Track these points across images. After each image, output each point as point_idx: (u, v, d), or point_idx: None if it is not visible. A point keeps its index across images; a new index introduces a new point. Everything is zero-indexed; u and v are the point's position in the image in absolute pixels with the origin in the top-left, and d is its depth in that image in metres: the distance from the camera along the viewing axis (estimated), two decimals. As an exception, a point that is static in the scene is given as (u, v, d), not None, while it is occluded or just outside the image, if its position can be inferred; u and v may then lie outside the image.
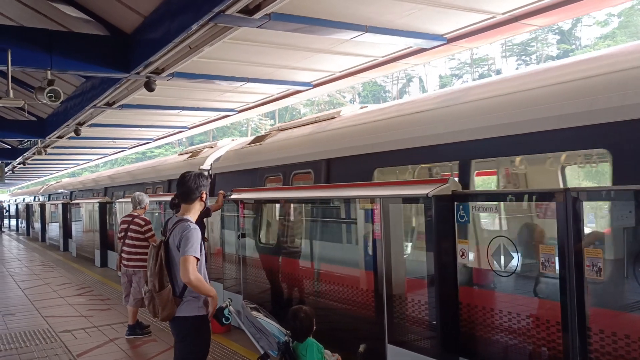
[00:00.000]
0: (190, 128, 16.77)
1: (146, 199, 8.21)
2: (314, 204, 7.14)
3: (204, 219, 7.74)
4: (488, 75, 55.20)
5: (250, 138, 9.97)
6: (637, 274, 3.52)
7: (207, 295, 4.08)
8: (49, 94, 8.33)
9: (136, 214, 8.02)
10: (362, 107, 7.75)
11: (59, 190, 27.05)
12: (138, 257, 7.75)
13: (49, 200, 28.16)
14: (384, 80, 65.38)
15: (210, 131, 57.23)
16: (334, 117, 7.65)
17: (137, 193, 8.35)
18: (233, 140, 11.63)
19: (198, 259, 3.99)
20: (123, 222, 8.10)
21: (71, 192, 23.96)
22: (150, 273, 4.16)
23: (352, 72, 9.80)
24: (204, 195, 4.28)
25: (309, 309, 4.53)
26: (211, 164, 10.36)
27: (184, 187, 4.24)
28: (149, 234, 7.85)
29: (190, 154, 12.09)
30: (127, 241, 7.84)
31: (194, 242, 3.97)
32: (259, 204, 8.18)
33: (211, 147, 11.37)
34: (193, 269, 3.91)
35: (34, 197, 33.43)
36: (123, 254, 7.91)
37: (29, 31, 8.26)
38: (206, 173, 9.34)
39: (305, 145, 7.61)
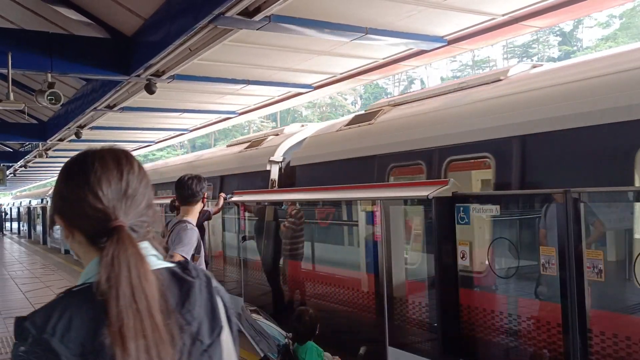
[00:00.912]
0: (191, 130, 16.77)
1: None
2: (315, 205, 7.13)
3: (204, 223, 7.75)
4: (489, 77, 55.01)
5: (344, 119, 7.92)
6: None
7: None
8: (49, 97, 8.34)
9: None
10: (534, 66, 5.81)
11: None
12: None
13: None
14: (385, 82, 65.39)
15: (212, 134, 57.24)
16: (500, 79, 5.62)
17: None
18: (303, 126, 9.49)
19: (186, 259, 3.96)
20: None
21: None
22: None
23: (352, 74, 9.79)
24: (205, 198, 4.30)
25: (314, 313, 4.52)
26: (283, 155, 8.46)
27: (184, 190, 4.26)
28: None
29: (248, 143, 10.01)
30: None
31: (185, 243, 4.00)
32: (259, 207, 8.17)
33: (277, 135, 9.47)
34: None
35: (42, 200, 31.70)
36: None
37: (29, 34, 8.27)
38: (278, 165, 8.47)
39: (478, 118, 5.09)
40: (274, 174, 8.35)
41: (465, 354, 4.61)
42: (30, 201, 35.96)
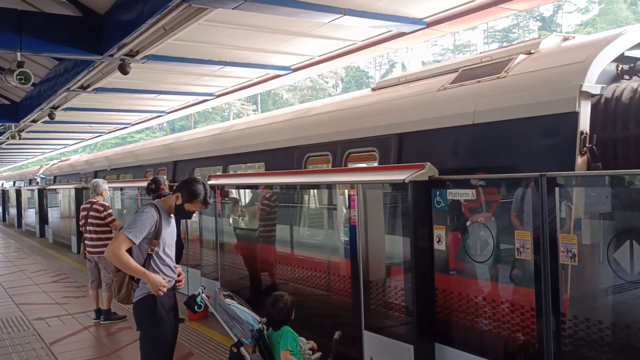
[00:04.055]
0: (168, 112, 16.53)
1: (103, 186, 8.17)
2: (291, 189, 7.04)
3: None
4: (470, 62, 55.03)
5: None
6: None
7: (133, 274, 4.07)
8: (18, 76, 8.11)
9: (95, 200, 7.97)
10: None
11: (75, 170, 19.86)
12: (101, 242, 7.73)
13: (54, 183, 21.52)
14: (366, 66, 65.16)
15: (192, 116, 56.68)
16: None
17: (94, 180, 8.37)
18: (567, 39, 5.37)
19: (133, 242, 4.00)
20: (82, 210, 8.10)
21: (95, 172, 16.82)
22: None
23: (331, 56, 9.68)
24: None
25: (290, 299, 4.46)
26: (597, 81, 4.30)
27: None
28: (109, 219, 7.87)
29: (454, 74, 5.57)
30: (88, 228, 7.85)
31: (136, 224, 4.02)
32: (235, 190, 8.07)
33: (529, 53, 5.15)
34: (116, 246, 3.94)
35: (29, 181, 28.77)
36: (86, 241, 7.89)
37: (-4, 11, 7.99)
38: (589, 102, 4.18)
39: None
40: (585, 119, 4.20)
41: (441, 338, 4.62)
42: (16, 182, 34.45)
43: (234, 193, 8.19)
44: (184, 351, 6.21)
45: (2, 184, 38.53)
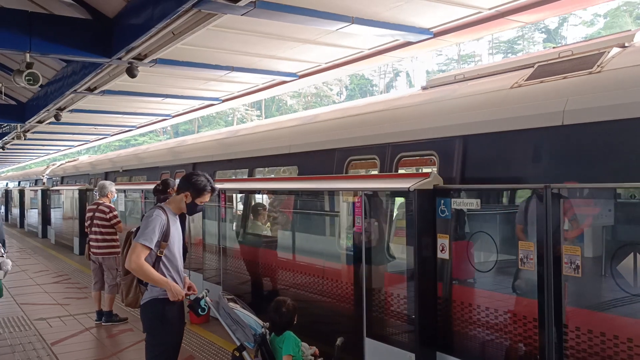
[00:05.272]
0: (173, 116, 16.60)
1: (109, 187, 8.23)
2: (294, 195, 7.07)
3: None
4: (474, 72, 55.10)
5: None
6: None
7: (155, 285, 4.04)
8: (27, 77, 8.17)
9: (101, 201, 8.04)
10: None
11: (83, 171, 18.69)
12: (106, 244, 7.82)
13: (61, 184, 20.51)
14: (371, 74, 65.30)
15: (195, 120, 56.83)
16: None
17: (101, 182, 8.44)
18: None
19: (150, 248, 3.98)
20: (89, 211, 8.17)
21: (106, 174, 15.62)
22: (123, 258, 4.21)
23: (338, 63, 9.74)
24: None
25: (292, 304, 4.48)
26: None
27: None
28: (115, 220, 7.93)
29: (530, 70, 4.88)
30: (93, 229, 7.90)
31: (149, 230, 4.00)
32: (239, 195, 8.10)
33: (622, 46, 4.47)
34: (136, 257, 3.92)
35: (35, 181, 27.86)
36: (91, 242, 7.94)
37: (7, 12, 8.05)
38: None
39: None
40: None
41: (442, 347, 4.63)
42: (20, 182, 34.28)
43: (254, 199, 8.20)
44: (185, 355, 6.22)
45: (7, 184, 38.51)
